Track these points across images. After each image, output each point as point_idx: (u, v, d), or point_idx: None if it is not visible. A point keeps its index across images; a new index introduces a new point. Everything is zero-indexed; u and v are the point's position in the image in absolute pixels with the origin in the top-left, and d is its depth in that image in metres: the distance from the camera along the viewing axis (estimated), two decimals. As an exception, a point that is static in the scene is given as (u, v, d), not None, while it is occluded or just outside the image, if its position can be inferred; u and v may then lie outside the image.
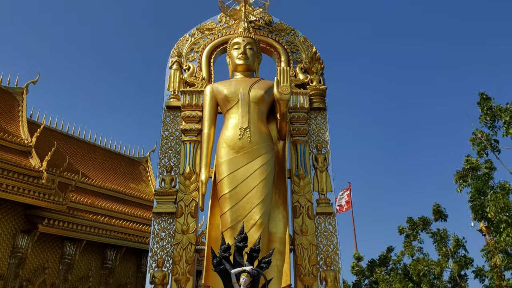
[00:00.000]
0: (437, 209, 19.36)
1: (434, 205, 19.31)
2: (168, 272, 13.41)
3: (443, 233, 19.04)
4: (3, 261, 16.44)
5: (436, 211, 19.38)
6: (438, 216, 19.34)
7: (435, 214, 19.42)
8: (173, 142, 15.45)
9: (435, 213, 19.46)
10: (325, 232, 14.19)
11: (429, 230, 19.38)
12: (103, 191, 22.24)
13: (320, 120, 15.70)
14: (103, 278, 19.65)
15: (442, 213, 19.41)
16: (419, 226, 19.50)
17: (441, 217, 19.40)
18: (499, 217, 9.81)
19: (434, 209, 19.37)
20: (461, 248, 18.32)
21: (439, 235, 19.08)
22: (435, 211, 19.43)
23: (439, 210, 19.35)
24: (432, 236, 19.26)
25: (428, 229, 19.43)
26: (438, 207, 19.31)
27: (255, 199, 13.09)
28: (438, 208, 19.31)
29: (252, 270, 7.78)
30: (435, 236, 19.13)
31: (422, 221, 19.68)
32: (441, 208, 19.32)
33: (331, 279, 13.23)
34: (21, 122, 21.03)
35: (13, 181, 16.43)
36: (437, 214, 19.38)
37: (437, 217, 19.37)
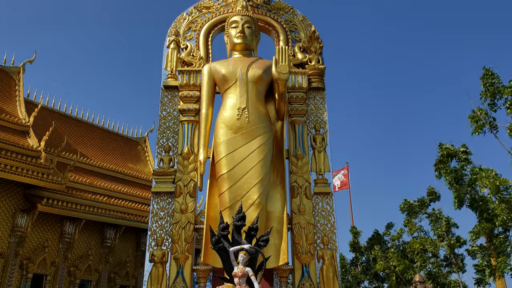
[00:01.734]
0: (431, 191, 19.93)
1: (429, 187, 20.03)
2: (168, 250, 13.56)
3: (438, 214, 19.42)
4: (3, 240, 16.58)
5: (431, 192, 19.93)
6: (433, 197, 19.93)
7: (430, 195, 19.97)
8: (171, 122, 15.42)
9: (429, 195, 20.00)
10: (323, 212, 14.32)
11: (425, 211, 19.84)
12: (102, 171, 22.28)
13: (319, 100, 15.66)
14: (103, 256, 19.86)
15: (436, 194, 19.99)
16: (416, 207, 19.91)
17: (435, 198, 19.94)
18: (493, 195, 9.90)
19: (428, 191, 19.93)
20: (453, 228, 18.68)
21: (434, 215, 19.48)
22: (429, 193, 19.97)
23: (433, 191, 19.92)
24: (428, 217, 19.65)
25: (424, 209, 19.86)
26: (432, 188, 20.03)
27: (253, 179, 13.16)
28: (432, 189, 19.95)
29: (250, 248, 7.88)
30: (430, 217, 19.54)
31: (419, 202, 20.11)
32: (434, 189, 19.96)
33: (328, 258, 13.42)
34: (18, 101, 20.90)
35: (11, 160, 16.44)
36: (432, 195, 19.95)
37: (431, 198, 19.93)
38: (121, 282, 20.28)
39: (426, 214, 19.92)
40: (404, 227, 21.10)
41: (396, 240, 21.68)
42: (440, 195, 20.03)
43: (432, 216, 19.64)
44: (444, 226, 18.79)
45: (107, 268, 20.00)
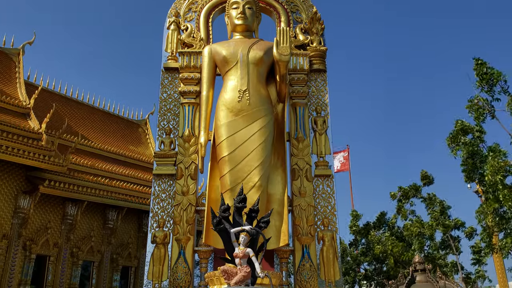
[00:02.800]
0: (424, 175, 20.16)
1: (422, 171, 20.27)
2: (169, 232, 13.69)
3: (432, 197, 19.59)
4: (6, 221, 16.72)
5: (424, 176, 20.16)
6: (427, 181, 20.17)
7: (423, 180, 20.19)
8: (172, 105, 15.38)
9: (423, 179, 20.22)
10: (323, 194, 14.39)
11: (420, 195, 20.09)
12: (103, 153, 22.31)
13: (320, 82, 15.58)
14: (105, 237, 20.04)
15: (429, 178, 20.22)
16: (410, 192, 20.13)
17: (429, 182, 20.18)
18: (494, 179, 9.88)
19: (422, 175, 20.15)
20: (449, 211, 18.89)
21: (429, 199, 19.67)
22: (423, 177, 20.19)
23: (426, 175, 20.15)
24: (424, 201, 19.84)
25: (419, 194, 20.10)
26: (425, 172, 20.30)
27: (254, 161, 13.19)
28: (426, 173, 20.20)
29: (251, 229, 7.93)
30: (426, 201, 19.74)
31: (413, 188, 20.36)
32: (428, 173, 20.21)
33: (328, 239, 13.54)
34: (19, 83, 20.81)
35: (12, 142, 16.45)
36: (425, 179, 20.19)
37: (425, 182, 20.18)
38: (124, 263, 20.49)
39: (422, 198, 20.13)
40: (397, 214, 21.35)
41: (392, 226, 21.93)
42: (433, 179, 20.30)
43: (427, 200, 19.84)
44: (439, 209, 18.97)
45: (109, 249, 20.20)
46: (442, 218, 18.37)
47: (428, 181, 20.23)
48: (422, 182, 20.35)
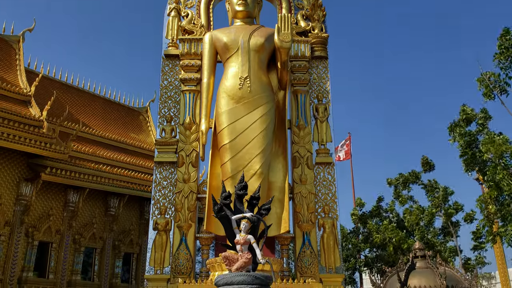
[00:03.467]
0: (425, 161, 20.00)
1: (422, 157, 20.11)
2: (171, 219, 13.77)
3: (433, 183, 19.51)
4: (9, 208, 16.80)
5: (425, 163, 20.00)
6: (427, 168, 20.00)
7: (424, 166, 20.03)
8: (173, 92, 15.34)
9: (423, 165, 20.05)
10: (324, 182, 14.43)
11: (421, 182, 19.97)
12: (104, 140, 22.30)
13: (322, 69, 15.51)
14: (107, 224, 20.14)
15: (430, 164, 20.04)
16: (410, 179, 20.04)
17: (430, 168, 20.00)
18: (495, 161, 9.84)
19: (422, 161, 20.01)
20: (450, 197, 18.83)
21: (430, 185, 19.58)
22: (423, 163, 20.04)
23: (427, 161, 19.98)
24: (424, 188, 19.76)
25: (419, 181, 20.00)
26: (426, 159, 20.12)
27: (255, 149, 13.20)
28: (426, 160, 20.03)
29: (252, 216, 7.95)
30: (426, 187, 19.64)
31: (413, 175, 20.23)
32: (429, 160, 20.04)
33: (328, 226, 13.62)
34: (19, 71, 20.73)
35: (13, 130, 16.43)
36: (426, 165, 20.01)
37: (426, 169, 20.01)
38: (126, 250, 20.63)
39: (422, 185, 20.02)
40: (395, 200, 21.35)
41: (389, 213, 21.94)
42: (434, 165, 20.15)
43: (427, 186, 19.75)
44: (441, 195, 18.89)
45: (111, 236, 20.32)
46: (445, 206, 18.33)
47: (428, 167, 20.12)
48: (423, 169, 20.24)
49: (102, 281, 19.17)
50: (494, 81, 11.39)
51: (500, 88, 11.34)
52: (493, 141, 10.36)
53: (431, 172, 20.30)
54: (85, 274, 19.01)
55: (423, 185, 19.92)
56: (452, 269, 6.65)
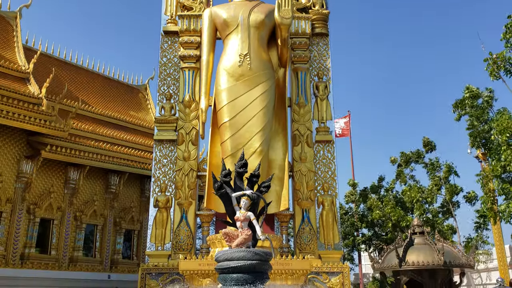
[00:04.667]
0: (427, 141, 20.08)
1: (424, 138, 20.20)
2: (171, 196, 13.87)
3: (435, 162, 19.57)
4: (10, 186, 16.84)
5: (426, 143, 20.08)
6: (429, 148, 20.11)
7: (425, 146, 20.12)
8: (172, 69, 15.24)
9: (425, 145, 20.14)
10: (324, 160, 14.49)
11: (422, 161, 20.02)
12: (104, 118, 22.21)
13: (322, 46, 15.38)
14: (108, 202, 20.24)
15: (431, 144, 20.15)
16: (412, 158, 20.09)
17: (431, 148, 20.09)
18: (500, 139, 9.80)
19: (424, 142, 20.08)
20: (453, 175, 18.87)
21: (431, 164, 19.63)
22: (425, 143, 20.12)
23: (428, 142, 20.07)
24: (425, 167, 19.82)
25: (421, 160, 20.05)
26: (427, 139, 20.22)
27: (255, 127, 13.20)
28: (428, 140, 20.12)
29: (252, 193, 8.00)
30: (427, 166, 19.71)
31: (415, 154, 20.28)
32: (430, 140, 20.15)
33: (328, 203, 13.74)
34: (17, 48, 20.48)
35: (13, 107, 16.32)
36: (427, 145, 20.11)
37: (427, 149, 20.12)
38: (127, 226, 20.81)
39: (423, 164, 20.10)
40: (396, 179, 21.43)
41: (390, 191, 22.05)
42: (435, 145, 20.27)
43: (429, 165, 19.82)
44: (445, 172, 18.90)
45: (112, 213, 20.45)
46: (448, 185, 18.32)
47: (430, 147, 20.16)
48: (424, 149, 20.29)
49: (103, 257, 19.39)
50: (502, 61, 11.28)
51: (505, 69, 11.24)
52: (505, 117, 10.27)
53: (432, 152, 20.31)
54: (87, 251, 19.23)
55: (424, 164, 19.91)
56: (450, 245, 6.74)
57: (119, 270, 19.68)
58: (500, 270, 15.40)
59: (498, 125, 9.56)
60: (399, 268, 6.39)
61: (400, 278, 6.53)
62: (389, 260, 6.54)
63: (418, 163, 20.29)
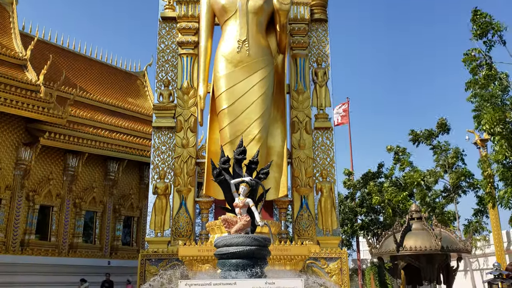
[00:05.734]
0: (441, 122, 19.48)
1: (440, 118, 19.56)
2: (170, 183, 13.90)
3: (444, 146, 19.26)
4: (8, 173, 16.87)
5: (441, 124, 19.50)
6: (442, 129, 19.53)
7: (439, 128, 19.57)
8: (170, 56, 15.15)
9: (439, 126, 19.59)
10: (322, 146, 14.51)
11: (430, 142, 19.60)
12: (102, 105, 22.15)
13: (321, 32, 15.29)
14: (107, 188, 20.30)
15: (445, 126, 19.54)
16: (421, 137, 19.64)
17: (444, 130, 19.53)
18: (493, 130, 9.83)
19: (439, 123, 19.50)
20: (459, 161, 18.74)
21: (439, 147, 19.31)
22: (439, 125, 19.54)
23: (444, 123, 19.48)
24: (433, 148, 19.52)
25: (429, 140, 19.59)
26: (443, 120, 19.54)
27: (253, 114, 13.18)
28: (443, 121, 19.48)
29: (251, 180, 8.03)
30: (435, 149, 19.39)
31: (427, 133, 19.67)
32: (445, 121, 19.50)
33: (326, 190, 13.80)
34: (14, 34, 20.31)
35: (11, 94, 16.26)
36: (441, 127, 19.52)
37: (440, 130, 19.56)
38: (126, 213, 20.90)
39: (431, 146, 19.71)
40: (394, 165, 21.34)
41: (390, 177, 22.00)
42: (450, 128, 19.70)
43: (437, 147, 19.47)
44: (451, 158, 18.70)
45: (111, 200, 20.53)
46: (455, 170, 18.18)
47: (443, 129, 19.65)
48: (437, 130, 19.81)
49: (103, 244, 19.52)
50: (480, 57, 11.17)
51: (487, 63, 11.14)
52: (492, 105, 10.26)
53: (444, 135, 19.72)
54: (86, 237, 19.34)
55: (432, 146, 19.52)
56: (448, 230, 6.79)
57: (119, 256, 19.84)
58: (497, 255, 15.54)
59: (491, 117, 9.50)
60: (396, 253, 6.44)
61: (397, 263, 6.60)
62: (387, 246, 6.60)
63: (426, 144, 19.81)
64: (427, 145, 19.60)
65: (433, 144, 19.30)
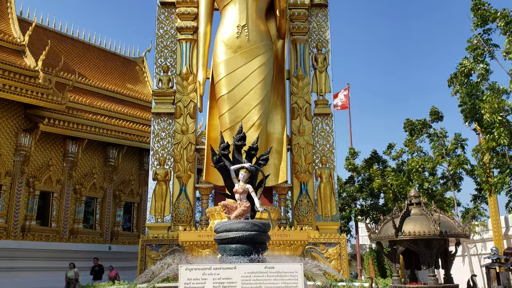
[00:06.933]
0: (434, 110, 19.67)
1: (432, 107, 19.79)
2: (170, 169, 13.94)
3: (440, 133, 19.35)
4: (8, 159, 16.87)
5: (434, 112, 19.68)
6: (435, 117, 19.69)
7: (432, 115, 19.73)
8: (169, 41, 15.05)
9: (432, 114, 19.75)
10: (322, 133, 14.51)
11: (426, 131, 19.70)
12: (101, 91, 22.06)
13: (321, 17, 15.18)
14: (107, 174, 20.34)
15: (438, 114, 19.72)
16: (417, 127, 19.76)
17: (438, 118, 19.71)
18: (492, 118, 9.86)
19: (431, 111, 19.69)
20: (458, 148, 18.76)
21: (436, 135, 19.38)
22: (432, 112, 19.73)
23: (436, 111, 19.66)
24: (429, 136, 19.58)
25: (425, 130, 19.72)
26: (435, 108, 19.73)
27: (253, 100, 13.15)
28: (435, 109, 19.67)
29: (250, 166, 8.06)
30: (431, 137, 19.46)
31: (421, 123, 19.87)
32: (437, 109, 19.68)
33: (326, 176, 13.85)
34: (11, 19, 20.14)
35: (9, 80, 16.18)
36: (434, 115, 19.69)
37: (434, 118, 19.70)
38: (126, 199, 20.98)
39: (427, 134, 19.82)
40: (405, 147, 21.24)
41: (396, 160, 21.96)
42: (443, 116, 19.86)
43: (433, 135, 19.55)
44: (452, 143, 18.72)
45: (111, 186, 20.58)
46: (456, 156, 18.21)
47: (436, 117, 19.80)
48: (431, 118, 19.92)
49: (104, 229, 19.64)
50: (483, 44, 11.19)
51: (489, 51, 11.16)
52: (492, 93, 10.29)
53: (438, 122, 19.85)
54: (87, 223, 19.44)
55: (428, 134, 19.60)
56: (447, 216, 6.83)
57: (119, 242, 19.99)
58: (495, 240, 15.62)
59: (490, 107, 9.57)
60: (395, 238, 6.49)
61: (396, 248, 6.65)
62: (386, 230, 6.64)
63: (422, 133, 19.92)
64: (422, 134, 19.70)
65: (429, 132, 19.37)
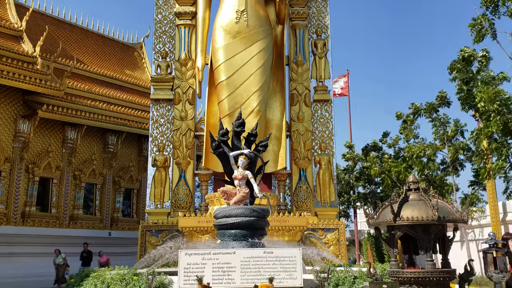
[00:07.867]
0: (441, 95, 19.34)
1: (440, 91, 19.39)
2: (169, 156, 13.97)
3: (443, 119, 19.19)
4: (7, 145, 16.85)
5: (441, 97, 19.36)
6: (442, 102, 19.36)
7: (439, 100, 19.41)
8: (167, 27, 14.95)
9: (439, 99, 19.44)
10: (321, 119, 14.51)
11: (429, 115, 19.47)
12: (99, 77, 21.94)
13: (321, 2, 15.05)
14: (106, 161, 20.35)
15: (445, 99, 19.40)
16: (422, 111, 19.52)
17: (444, 104, 19.40)
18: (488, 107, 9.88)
19: (439, 96, 19.34)
20: (459, 134, 18.70)
21: (438, 120, 19.20)
22: (439, 97, 19.39)
23: (443, 96, 19.35)
24: (432, 121, 19.40)
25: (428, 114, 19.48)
26: (443, 93, 19.38)
27: (252, 86, 13.11)
28: (443, 94, 19.34)
29: (249, 153, 8.08)
30: (434, 122, 19.27)
31: (428, 106, 19.55)
32: (446, 94, 19.37)
33: (325, 162, 13.88)
34: (8, 4, 19.93)
35: (7, 66, 16.09)
36: (442, 100, 19.37)
37: (440, 103, 19.38)
38: (126, 185, 21.04)
39: (430, 119, 19.62)
40: (400, 135, 21.19)
41: (392, 147, 21.95)
42: (450, 102, 19.54)
43: (436, 120, 19.36)
44: (453, 130, 18.66)
45: (111, 172, 20.62)
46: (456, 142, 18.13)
47: (443, 102, 19.52)
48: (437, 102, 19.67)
49: (103, 215, 19.72)
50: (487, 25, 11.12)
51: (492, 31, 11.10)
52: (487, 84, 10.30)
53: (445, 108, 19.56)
54: (86, 209, 19.52)
55: (431, 118, 19.42)
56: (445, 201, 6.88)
57: (119, 228, 20.10)
58: (493, 226, 15.75)
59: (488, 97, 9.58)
60: (393, 224, 6.52)
61: (394, 233, 6.68)
62: (384, 216, 6.67)
63: (426, 117, 19.71)
64: (427, 118, 19.48)
65: (432, 117, 19.20)
